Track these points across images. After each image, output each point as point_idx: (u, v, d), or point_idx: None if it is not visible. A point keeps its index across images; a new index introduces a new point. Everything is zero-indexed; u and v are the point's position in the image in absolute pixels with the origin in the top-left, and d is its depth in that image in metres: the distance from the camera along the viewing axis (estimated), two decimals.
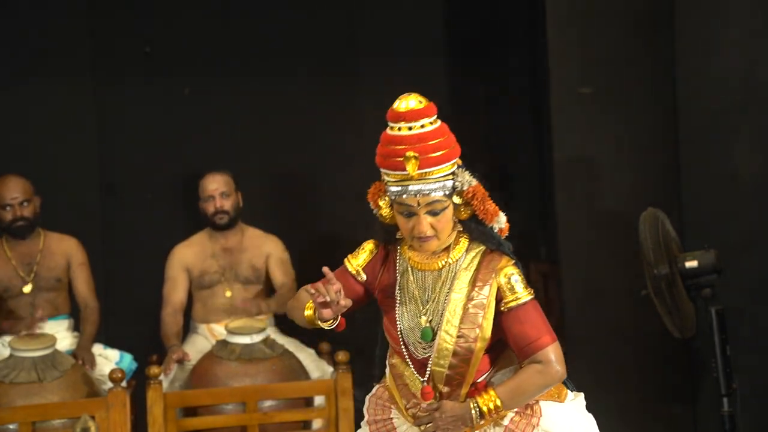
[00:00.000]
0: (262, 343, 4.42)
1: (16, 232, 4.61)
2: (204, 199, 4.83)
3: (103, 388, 4.33)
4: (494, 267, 2.60)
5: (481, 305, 2.58)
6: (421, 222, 2.53)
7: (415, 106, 2.55)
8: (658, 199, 4.64)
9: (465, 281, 2.59)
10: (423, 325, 2.58)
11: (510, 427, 2.60)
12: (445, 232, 2.58)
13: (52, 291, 4.66)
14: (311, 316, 2.59)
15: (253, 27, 5.61)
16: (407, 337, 2.61)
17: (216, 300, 4.77)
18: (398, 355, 2.66)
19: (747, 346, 4.40)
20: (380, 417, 2.71)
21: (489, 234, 2.63)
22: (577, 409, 2.73)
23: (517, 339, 2.57)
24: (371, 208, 2.71)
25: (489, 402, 2.52)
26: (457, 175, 2.58)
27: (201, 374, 4.37)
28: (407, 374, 2.63)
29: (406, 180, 2.52)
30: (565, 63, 4.79)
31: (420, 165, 2.50)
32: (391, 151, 2.53)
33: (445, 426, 2.53)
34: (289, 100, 5.60)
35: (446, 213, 2.57)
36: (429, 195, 2.53)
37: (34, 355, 4.19)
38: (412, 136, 2.51)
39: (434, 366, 2.58)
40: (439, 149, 2.53)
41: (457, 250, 2.62)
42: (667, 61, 4.80)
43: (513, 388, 2.55)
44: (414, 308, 2.61)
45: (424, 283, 2.62)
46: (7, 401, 4.08)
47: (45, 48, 5.40)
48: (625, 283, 4.69)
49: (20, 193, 4.58)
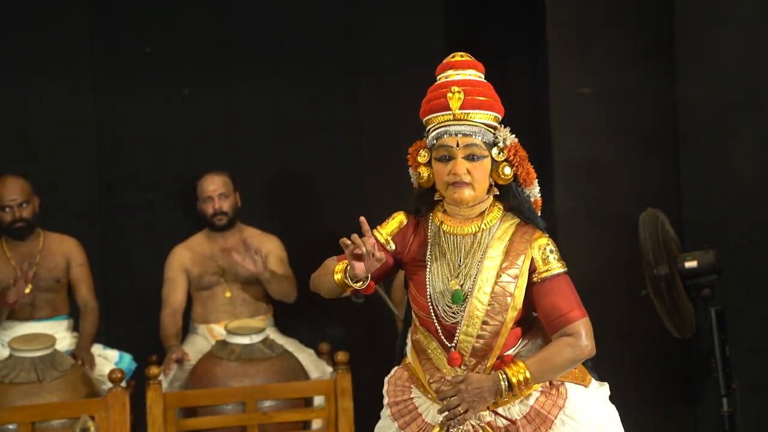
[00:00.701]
0: (262, 343, 4.42)
1: (15, 234, 4.61)
2: (202, 200, 4.83)
3: (102, 388, 4.33)
4: (528, 238, 2.59)
5: (514, 274, 2.56)
6: (458, 164, 2.53)
7: (464, 58, 2.67)
8: (658, 199, 4.65)
9: (499, 249, 2.57)
10: (454, 288, 2.55)
11: (535, 406, 2.56)
12: (480, 184, 2.57)
13: (51, 291, 4.66)
14: (341, 279, 2.54)
15: (253, 27, 5.61)
16: (437, 302, 2.57)
17: (216, 300, 4.76)
18: (424, 327, 2.61)
19: (747, 346, 4.40)
20: (400, 398, 2.67)
21: (525, 202, 2.64)
22: (602, 397, 2.70)
23: (548, 311, 2.55)
24: (410, 173, 2.71)
25: (518, 374, 2.48)
26: (499, 131, 2.62)
27: (201, 374, 4.37)
28: (432, 348, 2.60)
29: (448, 121, 2.56)
30: (565, 63, 4.79)
31: (463, 104, 2.55)
32: (437, 93, 2.59)
33: (471, 398, 2.45)
34: (288, 100, 5.60)
35: (484, 164, 2.57)
36: (469, 137, 2.55)
37: (33, 355, 4.19)
38: (458, 81, 2.60)
39: (463, 335, 2.54)
40: (483, 96, 2.60)
41: (491, 216, 2.61)
42: (667, 61, 4.80)
43: (543, 360, 2.51)
44: (445, 272, 2.57)
45: (457, 247, 2.59)
46: (6, 401, 4.08)
47: (45, 48, 5.40)
48: (625, 283, 4.69)
49: (19, 194, 4.57)
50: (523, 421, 2.54)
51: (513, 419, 2.55)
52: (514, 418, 2.55)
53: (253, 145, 5.59)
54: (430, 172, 2.62)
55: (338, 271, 2.55)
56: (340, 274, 2.54)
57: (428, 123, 2.63)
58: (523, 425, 2.54)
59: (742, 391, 4.17)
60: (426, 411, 2.63)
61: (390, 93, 5.41)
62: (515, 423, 2.54)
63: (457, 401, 2.45)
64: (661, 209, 4.29)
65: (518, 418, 2.55)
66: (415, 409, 2.65)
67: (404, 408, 2.66)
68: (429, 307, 2.57)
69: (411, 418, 2.63)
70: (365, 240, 2.44)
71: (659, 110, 4.81)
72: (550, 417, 2.54)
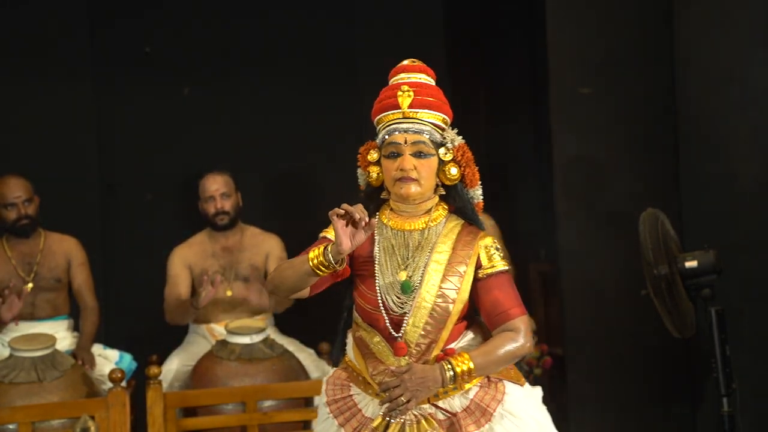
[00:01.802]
0: (262, 343, 4.42)
1: (20, 231, 4.62)
2: (204, 200, 4.84)
3: (103, 388, 4.34)
4: (474, 237, 2.70)
5: (461, 269, 2.65)
6: (406, 159, 2.64)
7: (416, 63, 2.81)
8: (658, 199, 4.65)
9: (447, 245, 2.67)
10: (403, 279, 2.63)
11: (475, 400, 2.64)
12: (427, 181, 2.67)
13: (52, 291, 4.66)
14: (316, 262, 2.54)
15: (253, 27, 5.61)
16: (386, 294, 2.64)
17: (216, 300, 4.76)
18: (370, 322, 2.67)
19: (747, 346, 4.39)
20: (339, 396, 2.72)
21: (469, 203, 2.74)
22: (537, 398, 2.77)
23: (490, 307, 2.65)
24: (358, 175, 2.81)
25: (463, 364, 2.55)
26: (447, 132, 2.73)
27: (201, 374, 4.38)
28: (375, 342, 2.66)
29: (398, 119, 2.67)
30: (565, 63, 4.79)
31: (412, 103, 2.67)
32: (388, 93, 2.72)
33: (414, 388, 2.52)
34: (288, 100, 5.61)
35: (431, 161, 2.67)
36: (417, 134, 2.66)
37: (34, 355, 4.19)
38: (409, 82, 2.72)
39: (410, 325, 2.61)
40: (432, 97, 2.71)
41: (436, 214, 2.71)
42: (667, 61, 4.80)
43: (485, 353, 2.60)
44: (394, 265, 2.66)
45: (405, 242, 2.68)
46: (7, 401, 4.08)
47: (45, 48, 5.40)
48: (625, 283, 4.69)
49: (23, 191, 4.60)
50: (464, 414, 2.62)
51: (454, 411, 2.62)
52: (454, 411, 2.62)
53: (253, 145, 5.59)
54: (379, 170, 2.73)
55: (313, 257, 2.55)
56: (317, 259, 2.54)
57: (379, 122, 2.74)
58: (464, 417, 2.62)
59: (742, 391, 4.17)
60: (366, 406, 2.68)
61: None
62: (456, 415, 2.62)
63: (400, 391, 2.52)
64: (661, 209, 4.29)
65: (459, 410, 2.62)
66: (354, 405, 2.70)
67: (343, 405, 2.71)
68: (378, 300, 2.64)
69: (351, 414, 2.68)
70: (356, 208, 2.50)
71: (659, 110, 4.81)
72: (489, 410, 2.63)
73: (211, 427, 4.29)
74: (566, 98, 4.78)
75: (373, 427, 2.60)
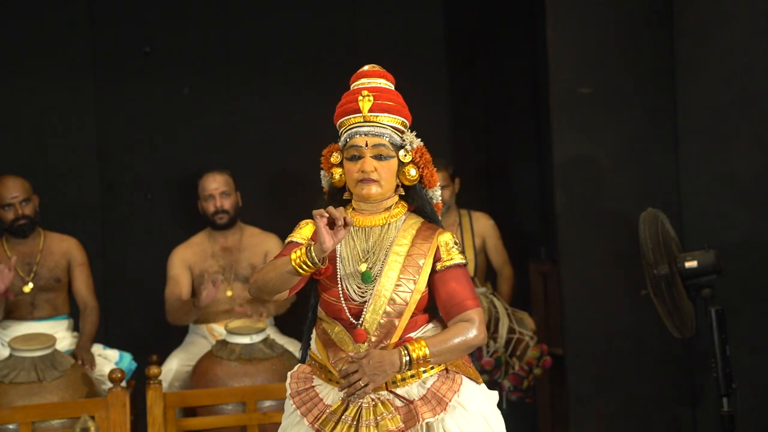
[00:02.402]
0: (262, 343, 4.42)
1: (18, 231, 4.62)
2: (204, 198, 4.84)
3: (103, 388, 4.34)
4: (433, 232, 2.81)
5: (419, 260, 2.76)
6: (366, 162, 2.76)
7: (375, 68, 2.90)
8: (658, 199, 4.64)
9: (406, 239, 2.79)
10: (363, 269, 2.75)
11: (432, 389, 2.72)
12: (387, 182, 2.79)
13: (51, 291, 4.66)
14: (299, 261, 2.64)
15: (253, 27, 5.61)
16: (347, 283, 2.75)
17: (217, 300, 4.76)
18: (331, 314, 2.77)
19: (747, 346, 4.39)
20: (302, 388, 2.81)
21: (427, 203, 2.86)
22: (491, 398, 2.84)
23: (446, 297, 2.75)
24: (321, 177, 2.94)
25: (419, 350, 2.65)
26: (406, 135, 2.83)
27: (201, 374, 4.38)
28: (335, 331, 2.76)
29: (359, 123, 2.79)
30: (565, 63, 4.78)
31: (372, 107, 2.79)
32: (350, 98, 2.84)
33: (372, 372, 2.62)
34: (288, 100, 5.61)
35: (390, 163, 2.79)
36: (377, 137, 2.78)
37: (34, 355, 4.19)
38: (369, 87, 2.83)
39: (369, 313, 2.72)
40: (392, 101, 2.81)
41: (396, 211, 2.83)
42: (667, 61, 4.80)
43: (441, 341, 2.69)
44: (355, 258, 2.78)
45: (366, 237, 2.80)
46: (7, 401, 4.08)
47: (45, 48, 5.41)
48: (625, 283, 4.69)
49: (20, 191, 4.59)
50: (421, 402, 2.70)
51: (411, 399, 2.71)
52: (412, 398, 2.71)
53: (253, 144, 5.59)
54: (341, 172, 2.85)
55: (295, 257, 2.66)
56: (299, 258, 2.65)
57: (341, 126, 2.86)
58: (420, 405, 2.69)
59: (742, 391, 4.17)
60: (326, 396, 2.77)
61: None
62: (413, 402, 2.70)
63: (358, 375, 2.62)
64: (661, 209, 4.29)
65: (416, 398, 2.70)
66: (316, 395, 2.78)
67: (306, 396, 2.79)
68: (339, 291, 2.76)
69: (312, 404, 2.76)
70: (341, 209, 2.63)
71: (659, 110, 4.81)
72: (445, 400, 2.70)
73: (211, 427, 4.28)
74: (566, 98, 4.77)
75: (332, 410, 2.70)
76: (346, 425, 2.67)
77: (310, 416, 2.73)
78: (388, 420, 2.66)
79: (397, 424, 2.65)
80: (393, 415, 2.67)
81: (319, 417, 2.72)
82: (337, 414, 2.69)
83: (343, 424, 2.67)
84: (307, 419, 2.73)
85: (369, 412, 2.67)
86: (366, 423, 2.65)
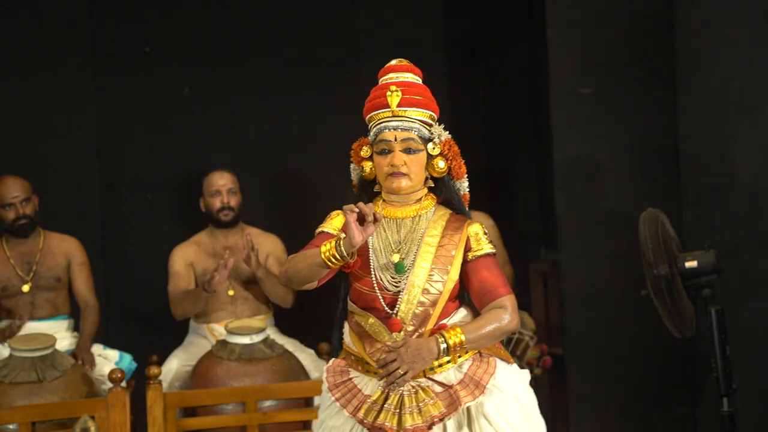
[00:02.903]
0: (262, 343, 4.42)
1: (18, 231, 4.62)
2: (210, 194, 4.83)
3: (103, 388, 4.33)
4: (463, 223, 2.87)
5: (451, 250, 2.81)
6: (396, 156, 2.81)
7: (403, 63, 2.96)
8: (658, 199, 4.65)
9: (437, 229, 2.84)
10: (396, 260, 2.80)
11: (469, 373, 2.76)
12: (416, 175, 2.84)
13: (51, 290, 4.66)
14: (328, 253, 2.67)
15: (253, 27, 5.61)
16: (381, 274, 2.80)
17: (218, 299, 4.76)
18: (364, 304, 2.81)
19: (747, 346, 4.39)
20: (340, 380, 2.84)
21: (456, 194, 2.91)
22: (524, 378, 2.90)
23: (479, 286, 2.80)
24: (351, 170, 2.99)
25: (455, 337, 2.69)
26: (434, 128, 2.88)
27: (201, 374, 4.37)
28: (369, 323, 2.80)
29: (387, 118, 2.84)
30: (565, 63, 4.79)
31: (401, 102, 2.83)
32: (378, 93, 2.88)
33: (410, 360, 2.65)
34: (288, 100, 5.61)
35: (419, 157, 2.84)
36: (406, 132, 2.82)
37: (34, 355, 4.19)
38: (397, 82, 2.88)
39: (404, 303, 2.76)
40: (420, 95, 2.86)
41: (426, 203, 2.88)
42: (667, 62, 4.80)
43: (476, 327, 2.73)
44: (387, 249, 2.83)
45: (397, 228, 2.86)
46: (7, 401, 4.08)
47: (45, 48, 5.40)
48: (625, 283, 4.69)
49: (21, 191, 4.60)
50: (460, 386, 2.74)
51: (450, 384, 2.75)
52: (450, 383, 2.75)
53: (253, 145, 5.59)
54: (371, 165, 2.90)
55: (325, 250, 2.69)
56: (329, 252, 2.68)
57: (370, 120, 2.90)
58: (459, 389, 2.74)
59: (742, 391, 4.17)
60: (365, 386, 2.81)
61: None
62: (452, 387, 2.74)
63: (397, 364, 2.65)
64: (661, 209, 4.29)
65: (455, 383, 2.75)
66: (354, 386, 2.82)
67: (344, 388, 2.83)
68: (372, 281, 2.80)
69: (351, 395, 2.80)
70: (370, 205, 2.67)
71: (659, 110, 4.81)
72: (482, 383, 2.75)
73: (211, 427, 4.28)
74: (566, 98, 4.78)
75: (373, 400, 2.74)
76: (389, 414, 2.71)
77: (350, 407, 2.77)
78: (431, 406, 2.70)
79: (439, 410, 2.70)
80: (435, 400, 2.71)
81: (360, 407, 2.76)
82: (379, 403, 2.73)
83: (386, 412, 2.71)
84: (347, 410, 2.77)
85: (411, 399, 2.71)
86: (409, 410, 2.70)
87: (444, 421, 2.71)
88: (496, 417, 2.75)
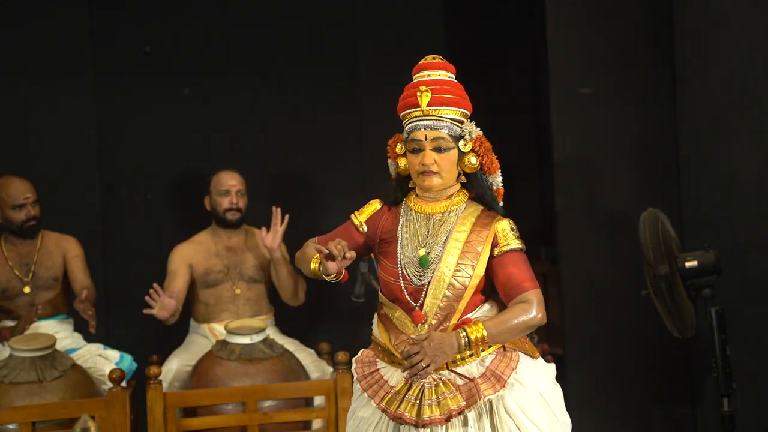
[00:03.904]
0: (262, 343, 4.42)
1: (27, 232, 4.63)
2: (219, 193, 4.83)
3: (103, 388, 4.34)
4: (492, 219, 2.91)
5: (478, 245, 2.86)
6: (426, 155, 2.85)
7: (436, 60, 2.96)
8: (658, 199, 4.65)
9: (466, 225, 2.88)
10: (421, 254, 2.85)
11: (491, 367, 2.80)
12: (447, 173, 2.89)
13: (50, 290, 4.66)
14: (316, 269, 2.90)
15: (253, 27, 5.61)
16: (406, 267, 2.86)
17: (220, 299, 4.77)
18: (391, 294, 2.89)
19: (747, 346, 4.40)
20: (368, 371, 2.91)
21: (488, 189, 2.96)
22: (549, 372, 2.92)
23: (505, 281, 2.84)
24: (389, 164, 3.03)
25: (477, 332, 2.73)
26: (465, 125, 2.91)
27: (201, 374, 4.38)
28: (396, 315, 2.87)
29: (418, 117, 2.86)
30: (565, 63, 4.79)
31: (431, 102, 2.85)
32: (410, 92, 2.90)
33: (433, 353, 2.70)
34: (289, 101, 5.61)
35: (450, 155, 2.88)
36: (436, 131, 2.86)
37: (34, 355, 4.19)
38: (429, 80, 2.89)
39: (430, 297, 2.82)
40: (451, 94, 2.88)
41: (457, 199, 2.93)
42: (667, 61, 4.80)
43: (499, 322, 2.77)
44: (414, 243, 2.88)
45: (427, 222, 2.91)
46: (7, 401, 4.08)
47: (45, 48, 5.40)
48: (625, 283, 4.69)
49: (31, 192, 4.62)
50: (481, 379, 2.78)
51: (472, 377, 2.78)
52: (472, 376, 2.78)
53: (253, 145, 5.59)
54: (406, 162, 2.95)
55: (314, 262, 2.91)
56: (316, 264, 2.90)
57: (403, 118, 2.94)
58: (481, 383, 2.77)
59: (742, 391, 4.17)
60: (391, 377, 2.87)
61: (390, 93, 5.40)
62: (474, 380, 2.78)
63: (420, 356, 2.71)
64: (661, 209, 4.29)
65: (476, 376, 2.79)
66: (381, 378, 2.88)
67: (371, 379, 2.89)
68: (398, 272, 2.86)
69: (378, 386, 2.86)
70: (341, 246, 2.78)
71: (659, 110, 4.81)
72: (503, 377, 2.78)
73: (211, 427, 4.29)
74: (566, 98, 4.78)
75: (396, 391, 2.80)
76: (409, 404, 2.76)
77: (377, 398, 2.83)
78: (450, 399, 2.74)
79: (458, 403, 2.74)
80: (454, 394, 2.75)
81: (385, 398, 2.81)
82: (401, 393, 2.79)
83: (407, 403, 2.77)
84: (374, 401, 2.83)
85: (431, 392, 2.76)
86: (428, 402, 2.74)
87: (465, 413, 2.76)
88: (517, 411, 2.78)
